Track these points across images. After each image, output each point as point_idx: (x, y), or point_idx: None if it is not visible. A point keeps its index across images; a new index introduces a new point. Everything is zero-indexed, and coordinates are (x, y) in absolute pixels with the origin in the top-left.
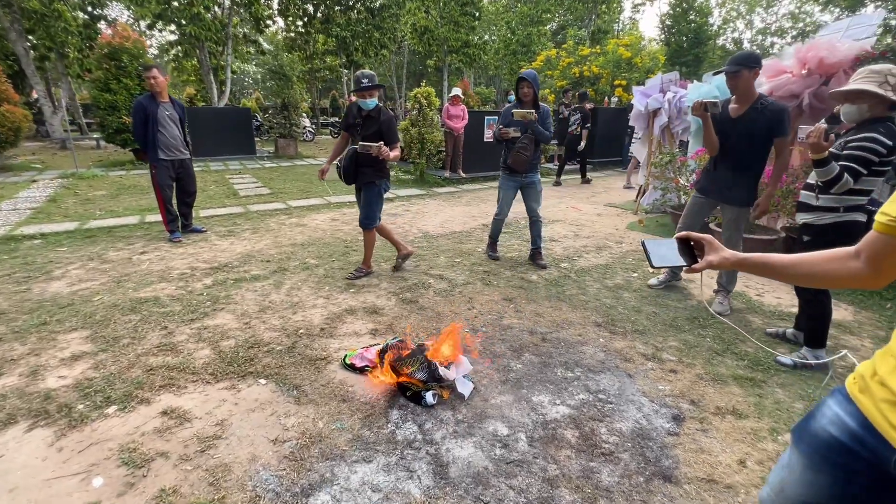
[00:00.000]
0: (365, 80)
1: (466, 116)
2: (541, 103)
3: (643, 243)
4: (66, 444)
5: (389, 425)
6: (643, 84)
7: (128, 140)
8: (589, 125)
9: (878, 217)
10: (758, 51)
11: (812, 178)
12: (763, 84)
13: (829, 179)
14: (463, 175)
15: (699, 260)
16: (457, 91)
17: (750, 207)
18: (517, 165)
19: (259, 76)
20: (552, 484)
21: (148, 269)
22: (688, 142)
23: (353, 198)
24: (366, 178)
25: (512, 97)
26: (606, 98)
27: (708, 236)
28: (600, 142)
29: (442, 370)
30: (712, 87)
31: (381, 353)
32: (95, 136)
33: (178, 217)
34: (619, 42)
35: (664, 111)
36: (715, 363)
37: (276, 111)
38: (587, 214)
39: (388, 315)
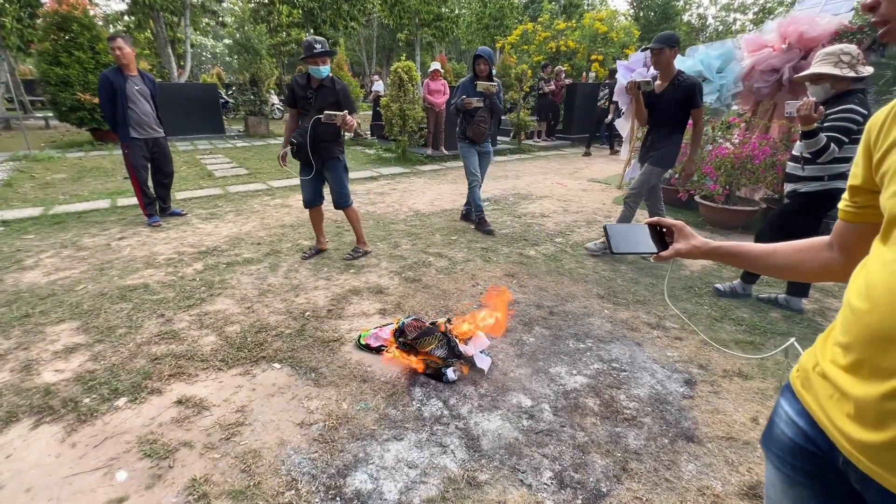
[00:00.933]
0: (318, 46)
1: (448, 91)
2: (494, 78)
3: (605, 228)
4: (79, 439)
5: (414, 403)
6: (622, 59)
7: (84, 118)
8: (616, 100)
9: (840, 205)
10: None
11: (797, 150)
12: (745, 58)
13: (818, 149)
14: (445, 152)
15: (669, 247)
16: (436, 65)
17: (664, 169)
18: (477, 137)
19: (218, 50)
20: (583, 450)
21: (130, 255)
22: None
23: None
24: (329, 153)
25: (494, 71)
26: (584, 73)
27: (679, 222)
28: (578, 117)
29: (461, 346)
30: (696, 61)
31: (397, 332)
32: (41, 114)
33: (156, 200)
34: (595, 16)
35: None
36: (716, 329)
37: (243, 87)
38: (573, 190)
39: (394, 294)
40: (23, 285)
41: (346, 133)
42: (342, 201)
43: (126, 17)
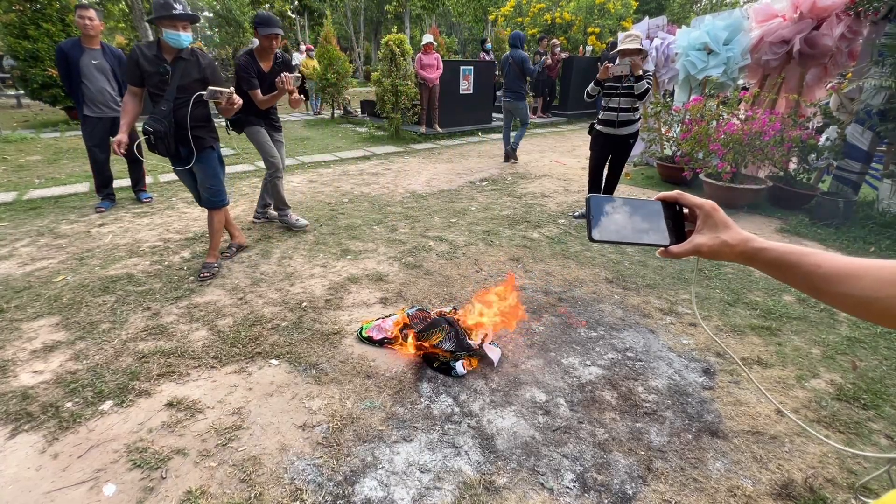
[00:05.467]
0: (179, 6)
1: (441, 66)
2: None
3: (588, 200)
4: (62, 448)
5: (423, 400)
6: (620, 31)
7: (58, 96)
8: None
9: None
10: None
11: (626, 104)
12: (753, 29)
13: (643, 91)
14: (440, 130)
15: (686, 238)
16: (429, 38)
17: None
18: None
19: (197, 24)
20: (604, 449)
21: (112, 242)
22: (673, 90)
23: (326, 156)
24: (201, 143)
25: (489, 45)
26: (581, 47)
27: (708, 202)
28: (574, 92)
29: (469, 339)
30: (702, 32)
31: (401, 324)
32: (12, 92)
33: (110, 184)
34: None
35: (651, 59)
36: (730, 314)
37: (226, 63)
38: (572, 168)
39: (395, 282)
40: None
41: (225, 114)
42: (216, 199)
43: None
